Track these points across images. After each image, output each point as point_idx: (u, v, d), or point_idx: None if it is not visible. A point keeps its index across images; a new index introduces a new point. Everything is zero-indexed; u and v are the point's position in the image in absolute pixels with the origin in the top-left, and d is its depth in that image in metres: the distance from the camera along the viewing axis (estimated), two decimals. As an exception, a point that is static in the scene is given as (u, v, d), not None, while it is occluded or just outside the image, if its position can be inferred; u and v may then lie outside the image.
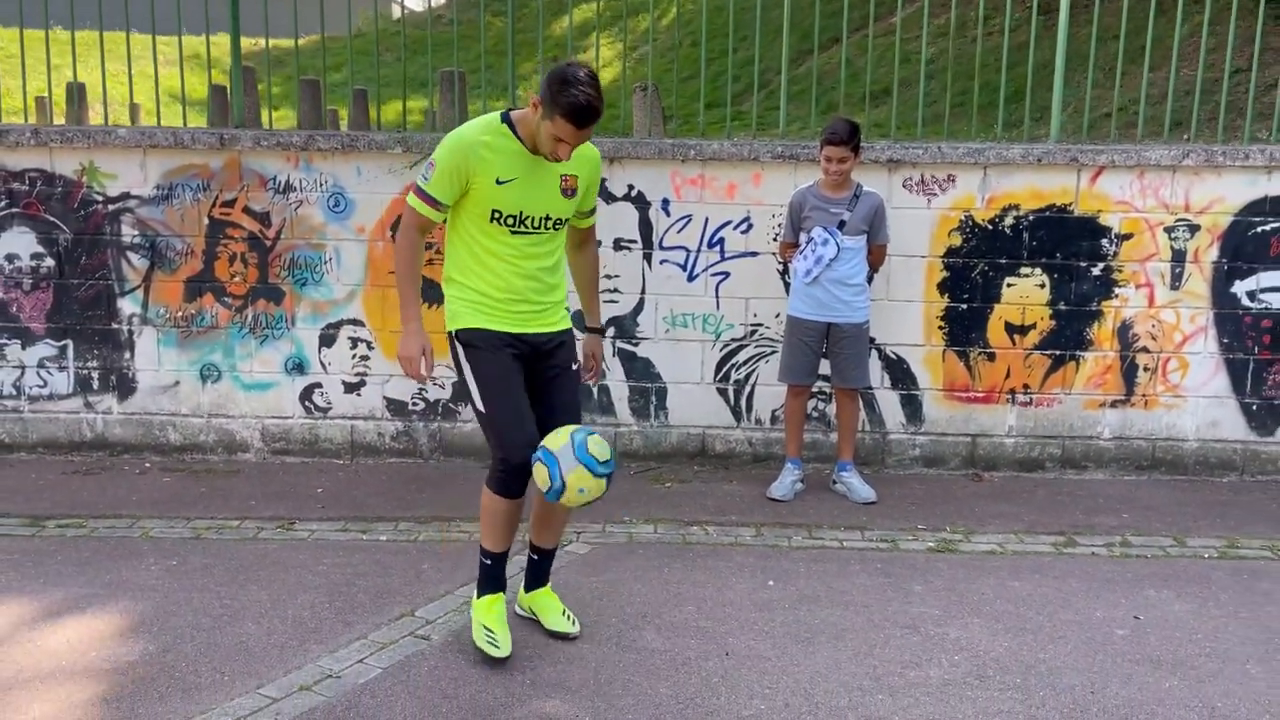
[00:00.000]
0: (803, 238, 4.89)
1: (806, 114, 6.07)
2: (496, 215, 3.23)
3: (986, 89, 6.74)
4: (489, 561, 3.48)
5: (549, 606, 3.61)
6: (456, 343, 3.37)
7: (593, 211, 3.54)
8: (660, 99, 7.06)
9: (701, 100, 5.92)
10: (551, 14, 12.86)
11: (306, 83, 6.81)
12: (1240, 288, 5.30)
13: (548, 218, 3.30)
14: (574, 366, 3.50)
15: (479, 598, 3.50)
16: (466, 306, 3.33)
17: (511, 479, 3.32)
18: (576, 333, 3.55)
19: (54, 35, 5.77)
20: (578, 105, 3.00)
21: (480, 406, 3.33)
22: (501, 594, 3.51)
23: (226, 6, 5.50)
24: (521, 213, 3.25)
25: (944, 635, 3.64)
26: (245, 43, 6.60)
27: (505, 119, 3.24)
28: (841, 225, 4.80)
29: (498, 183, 3.20)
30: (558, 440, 3.19)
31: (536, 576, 3.66)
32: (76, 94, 6.64)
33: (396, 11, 17.29)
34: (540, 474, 3.18)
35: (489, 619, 3.45)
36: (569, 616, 3.59)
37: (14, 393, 5.45)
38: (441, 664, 3.39)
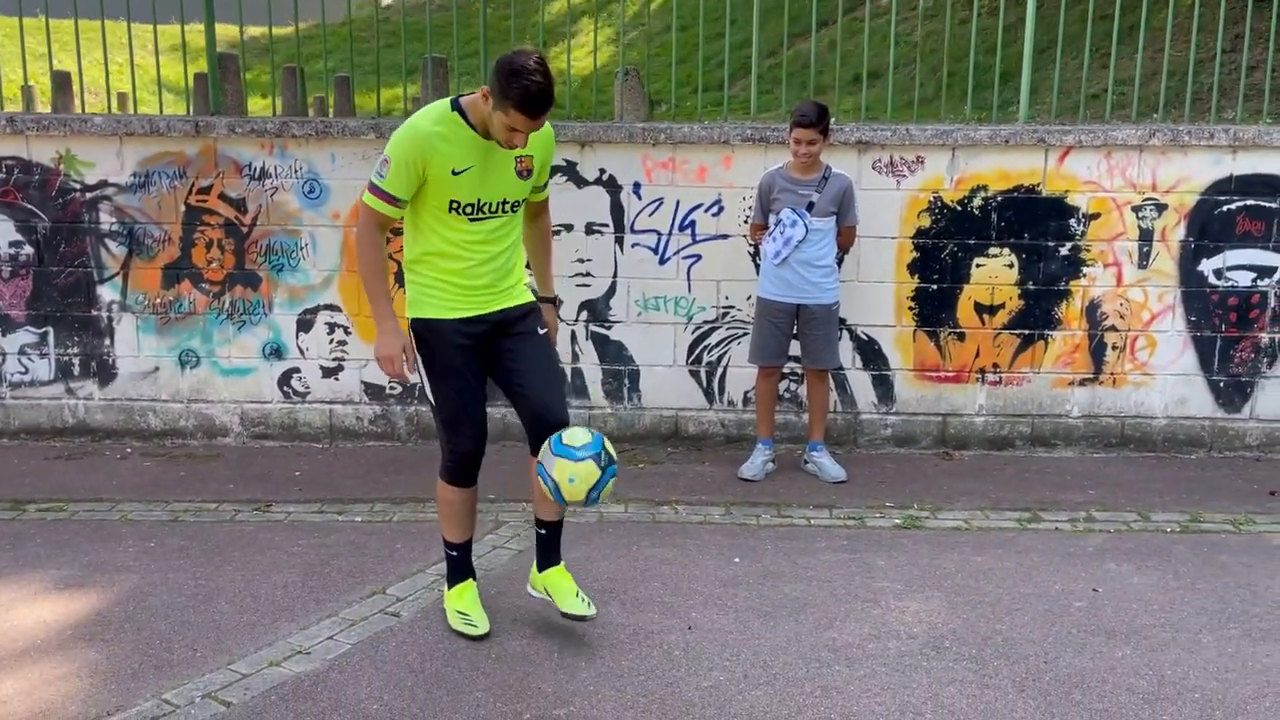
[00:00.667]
0: (772, 219, 4.94)
1: (780, 98, 6.11)
2: (455, 205, 3.20)
3: (965, 73, 6.79)
4: (454, 553, 3.57)
5: (563, 589, 3.45)
6: (412, 333, 3.37)
7: (546, 185, 3.51)
8: (642, 84, 7.10)
9: (673, 83, 5.96)
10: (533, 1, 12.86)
11: (287, 70, 6.86)
12: (1207, 266, 5.36)
13: (505, 201, 3.27)
14: (542, 331, 3.45)
15: (449, 589, 3.60)
16: (423, 294, 3.32)
17: (459, 467, 3.40)
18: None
19: (34, 25, 5.81)
20: (529, 95, 2.96)
21: (430, 397, 3.39)
22: (471, 580, 3.60)
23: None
24: (479, 200, 3.22)
25: (904, 608, 3.72)
26: (231, 31, 6.64)
27: (456, 106, 3.18)
28: (810, 207, 4.86)
29: (454, 173, 3.16)
30: (544, 449, 3.24)
31: (546, 553, 3.52)
32: (57, 83, 6.68)
33: (384, -1, 17.25)
34: (540, 487, 3.27)
35: (461, 604, 3.53)
36: (583, 599, 3.44)
37: (-5, 380, 5.51)
38: (410, 639, 3.46)
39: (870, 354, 5.44)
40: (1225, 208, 5.30)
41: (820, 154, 4.85)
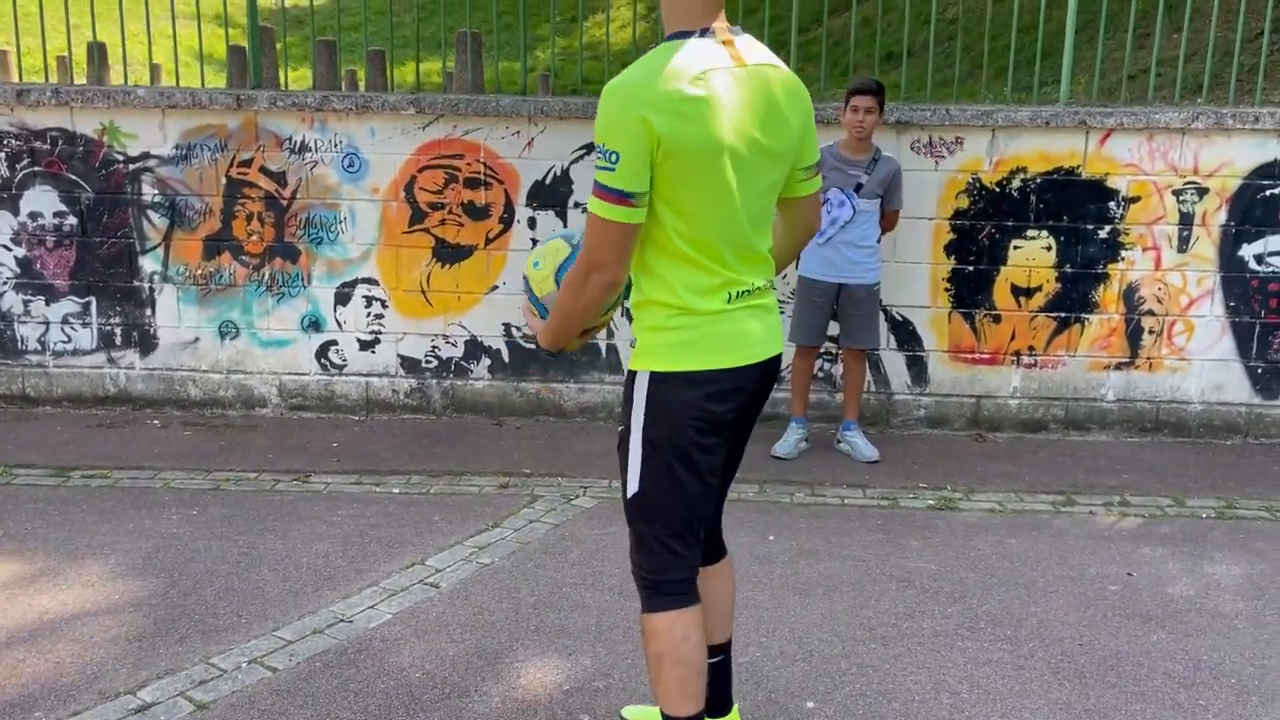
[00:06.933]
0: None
1: (819, 75, 6.08)
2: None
3: (1004, 52, 6.73)
4: None
5: None
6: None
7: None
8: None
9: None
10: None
11: (322, 44, 6.88)
12: (1248, 251, 5.31)
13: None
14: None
15: None
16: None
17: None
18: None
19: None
20: None
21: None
22: None
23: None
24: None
25: (938, 589, 3.74)
26: (265, 2, 6.66)
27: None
28: (859, 189, 4.85)
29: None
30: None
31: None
32: (97, 54, 6.74)
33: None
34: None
35: None
36: None
37: (39, 348, 5.59)
38: (449, 610, 3.51)
39: (905, 335, 5.44)
40: (1269, 192, 5.24)
41: (874, 128, 4.83)
